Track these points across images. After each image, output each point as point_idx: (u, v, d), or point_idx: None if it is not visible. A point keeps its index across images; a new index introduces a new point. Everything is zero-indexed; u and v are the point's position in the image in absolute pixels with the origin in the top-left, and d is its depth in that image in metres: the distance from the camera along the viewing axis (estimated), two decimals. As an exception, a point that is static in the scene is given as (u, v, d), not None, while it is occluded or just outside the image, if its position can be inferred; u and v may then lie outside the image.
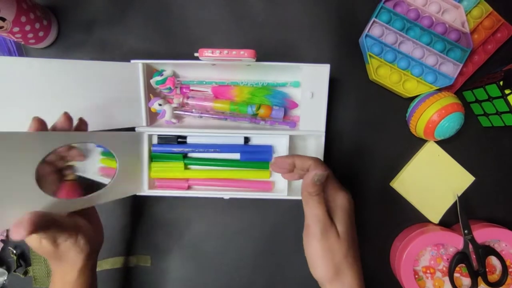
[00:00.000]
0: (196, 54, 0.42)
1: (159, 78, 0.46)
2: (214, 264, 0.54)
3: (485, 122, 0.52)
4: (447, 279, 0.50)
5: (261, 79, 0.48)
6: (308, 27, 0.52)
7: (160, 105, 0.47)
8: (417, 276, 0.50)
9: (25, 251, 0.54)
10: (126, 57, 0.48)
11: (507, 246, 0.50)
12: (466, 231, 0.49)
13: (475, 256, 0.49)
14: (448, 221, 0.53)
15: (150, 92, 0.48)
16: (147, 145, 0.48)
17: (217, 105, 0.48)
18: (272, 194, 0.49)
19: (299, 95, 0.48)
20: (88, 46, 0.53)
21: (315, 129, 0.47)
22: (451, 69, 0.49)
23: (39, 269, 0.53)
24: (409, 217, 0.53)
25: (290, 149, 0.47)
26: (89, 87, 0.43)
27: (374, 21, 0.49)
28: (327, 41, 0.53)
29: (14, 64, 0.39)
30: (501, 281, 0.49)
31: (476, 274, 0.49)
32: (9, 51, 0.51)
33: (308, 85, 0.46)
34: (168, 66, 0.48)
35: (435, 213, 0.53)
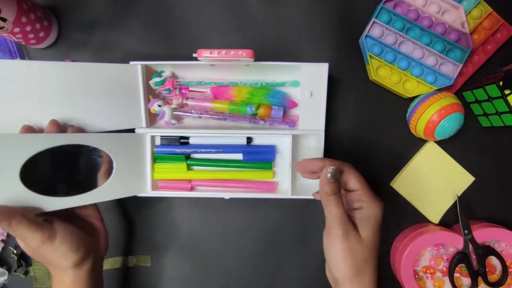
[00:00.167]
0: (194, 54, 0.42)
1: (158, 79, 0.46)
2: (214, 264, 0.54)
3: (485, 122, 0.52)
4: (447, 279, 0.50)
5: (260, 78, 0.48)
6: (308, 28, 0.52)
7: (159, 106, 0.47)
8: (417, 276, 0.50)
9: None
10: (126, 58, 0.48)
11: (507, 246, 0.50)
12: (466, 231, 0.49)
13: (475, 256, 0.49)
14: (448, 221, 0.53)
15: (149, 93, 0.48)
16: (150, 146, 0.48)
17: (216, 105, 0.48)
18: (276, 194, 0.49)
19: (298, 94, 0.48)
20: (88, 46, 0.53)
21: (315, 128, 0.47)
22: (451, 69, 0.49)
23: (39, 269, 0.53)
24: (409, 217, 0.53)
25: (293, 148, 0.47)
26: (88, 89, 0.43)
27: (374, 22, 0.49)
28: (327, 41, 0.52)
29: (14, 66, 0.39)
30: (501, 281, 0.49)
31: (476, 274, 0.49)
32: (9, 51, 0.52)
33: (307, 84, 0.46)
34: (167, 67, 0.48)
35: (435, 213, 0.53)
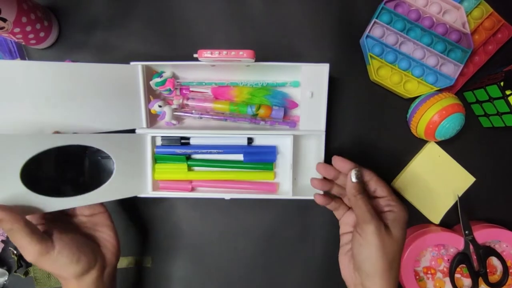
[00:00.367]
0: (195, 55, 0.42)
1: (158, 79, 0.46)
2: (214, 264, 0.54)
3: (486, 122, 0.52)
4: (448, 279, 0.50)
5: (261, 79, 0.48)
6: (308, 28, 0.52)
7: (160, 106, 0.47)
8: (418, 276, 0.50)
9: (26, 251, 0.54)
10: (126, 58, 0.48)
11: (507, 246, 0.50)
12: (466, 232, 0.49)
13: (475, 256, 0.49)
14: (448, 222, 0.53)
15: (150, 93, 0.48)
16: (150, 146, 0.48)
17: (217, 106, 0.48)
18: (276, 195, 0.49)
19: (298, 95, 0.48)
20: (88, 47, 0.53)
21: (315, 129, 0.47)
22: (451, 69, 0.49)
23: (40, 270, 0.53)
24: (410, 217, 0.52)
25: (294, 149, 0.47)
26: (88, 89, 0.43)
27: (375, 22, 0.49)
28: (327, 41, 0.52)
29: (14, 67, 0.39)
30: (502, 282, 0.49)
31: (477, 274, 0.49)
32: (10, 51, 0.51)
33: (307, 84, 0.46)
34: (167, 67, 0.48)
35: (436, 214, 0.53)
